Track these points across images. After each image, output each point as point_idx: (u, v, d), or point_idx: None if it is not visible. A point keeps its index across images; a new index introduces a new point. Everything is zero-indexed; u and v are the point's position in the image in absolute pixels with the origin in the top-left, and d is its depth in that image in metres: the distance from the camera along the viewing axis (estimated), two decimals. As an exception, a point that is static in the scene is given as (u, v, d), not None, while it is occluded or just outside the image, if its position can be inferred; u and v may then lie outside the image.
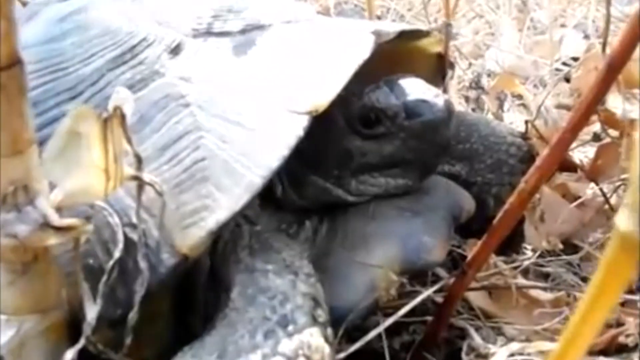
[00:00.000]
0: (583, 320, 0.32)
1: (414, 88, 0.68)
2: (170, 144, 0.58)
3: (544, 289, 0.85)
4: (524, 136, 0.92)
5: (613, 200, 0.97)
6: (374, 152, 0.69)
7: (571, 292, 0.84)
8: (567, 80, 1.32)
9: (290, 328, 0.51)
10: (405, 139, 0.67)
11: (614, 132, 0.98)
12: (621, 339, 0.73)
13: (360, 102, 0.68)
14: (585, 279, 0.90)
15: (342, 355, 0.62)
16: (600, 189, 0.96)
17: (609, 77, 0.52)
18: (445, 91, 0.87)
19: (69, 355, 0.48)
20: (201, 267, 0.64)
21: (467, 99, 1.12)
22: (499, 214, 0.63)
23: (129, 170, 0.49)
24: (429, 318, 0.77)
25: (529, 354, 0.70)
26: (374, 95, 0.68)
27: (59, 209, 0.47)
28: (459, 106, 1.12)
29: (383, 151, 0.69)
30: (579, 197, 1.00)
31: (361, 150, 0.69)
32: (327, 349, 0.51)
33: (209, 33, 0.67)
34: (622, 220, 0.26)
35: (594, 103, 0.54)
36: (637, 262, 0.27)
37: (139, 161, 0.50)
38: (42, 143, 0.47)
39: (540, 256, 0.92)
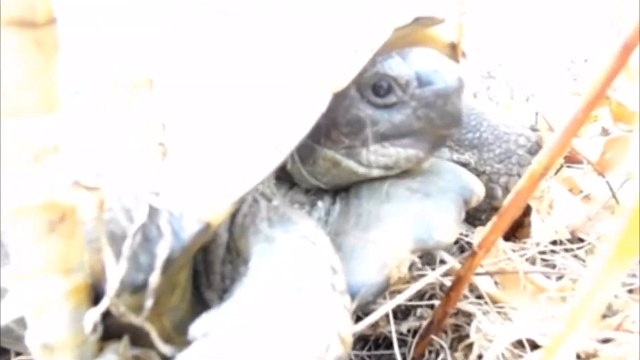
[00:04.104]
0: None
1: (426, 58, 0.70)
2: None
3: (551, 276, 0.86)
4: (534, 127, 0.94)
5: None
6: (385, 121, 0.69)
7: (577, 280, 0.85)
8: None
9: (308, 295, 0.51)
10: (416, 107, 0.68)
11: (623, 126, 1.00)
12: (626, 325, 0.74)
13: (373, 70, 0.69)
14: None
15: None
16: (607, 182, 0.97)
17: (623, 55, 0.53)
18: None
19: (92, 314, 0.49)
20: (219, 241, 0.66)
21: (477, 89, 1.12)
22: (510, 195, 0.64)
23: (155, 136, 0.51)
24: (437, 302, 0.78)
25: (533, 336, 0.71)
26: (387, 63, 0.69)
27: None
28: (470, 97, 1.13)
29: (394, 120, 0.69)
30: (586, 192, 1.01)
31: (372, 119, 0.70)
32: (345, 316, 0.52)
33: (216, 11, 0.69)
34: None
35: (607, 82, 0.54)
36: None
37: (163, 128, 0.51)
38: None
39: (546, 248, 0.93)
